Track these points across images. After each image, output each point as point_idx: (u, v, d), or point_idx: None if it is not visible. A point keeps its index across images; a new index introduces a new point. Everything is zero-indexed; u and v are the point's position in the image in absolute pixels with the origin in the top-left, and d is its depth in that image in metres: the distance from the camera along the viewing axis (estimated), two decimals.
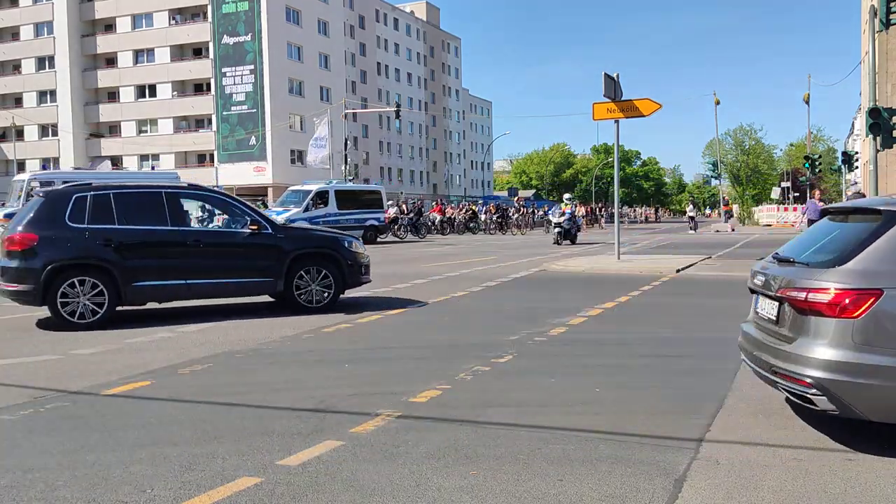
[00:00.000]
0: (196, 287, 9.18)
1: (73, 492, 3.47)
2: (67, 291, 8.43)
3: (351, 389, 5.37)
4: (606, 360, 6.45)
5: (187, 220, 9.64)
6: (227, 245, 9.49)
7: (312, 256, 9.64)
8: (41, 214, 8.68)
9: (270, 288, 9.55)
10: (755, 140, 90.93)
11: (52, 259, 8.40)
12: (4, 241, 8.66)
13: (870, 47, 17.08)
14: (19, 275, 8.45)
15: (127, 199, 9.06)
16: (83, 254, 8.56)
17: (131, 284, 8.71)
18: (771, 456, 3.87)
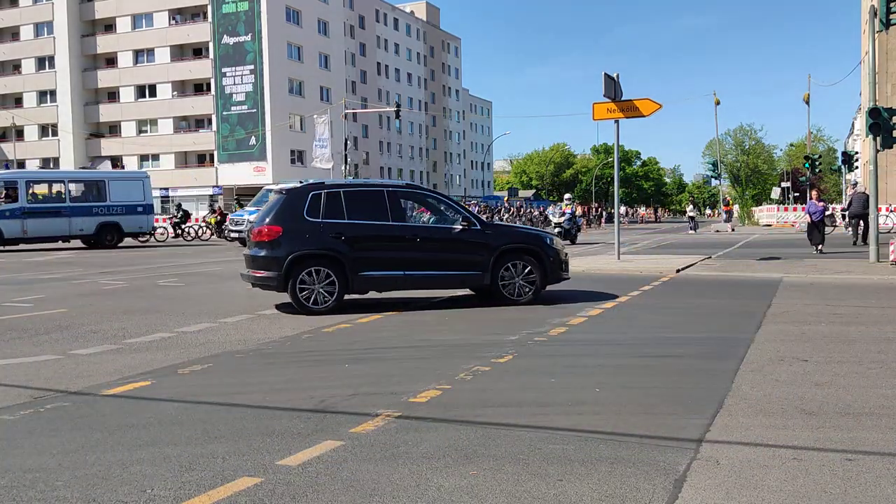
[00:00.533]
0: (412, 278, 9.90)
1: (73, 492, 3.47)
2: (304, 279, 9.33)
3: (351, 389, 5.37)
4: (606, 360, 6.45)
5: (405, 217, 10.42)
6: (440, 240, 10.11)
7: (517, 252, 10.14)
8: (284, 210, 9.67)
9: (478, 281, 10.12)
10: (755, 140, 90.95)
11: (293, 250, 9.38)
12: (253, 232, 9.76)
13: (870, 47, 17.07)
14: (266, 263, 9.49)
15: (354, 197, 9.92)
16: (318, 245, 9.48)
17: (358, 274, 9.56)
18: (771, 456, 3.87)
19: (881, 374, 5.70)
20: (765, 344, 6.98)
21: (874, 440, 4.12)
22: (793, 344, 6.97)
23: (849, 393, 5.14)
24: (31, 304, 10.67)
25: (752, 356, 6.42)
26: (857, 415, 4.62)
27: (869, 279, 12.81)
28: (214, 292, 12.01)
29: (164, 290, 12.37)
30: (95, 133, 68.66)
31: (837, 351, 6.62)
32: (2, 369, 6.27)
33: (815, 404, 4.85)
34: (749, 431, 4.30)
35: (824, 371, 5.82)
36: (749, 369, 5.91)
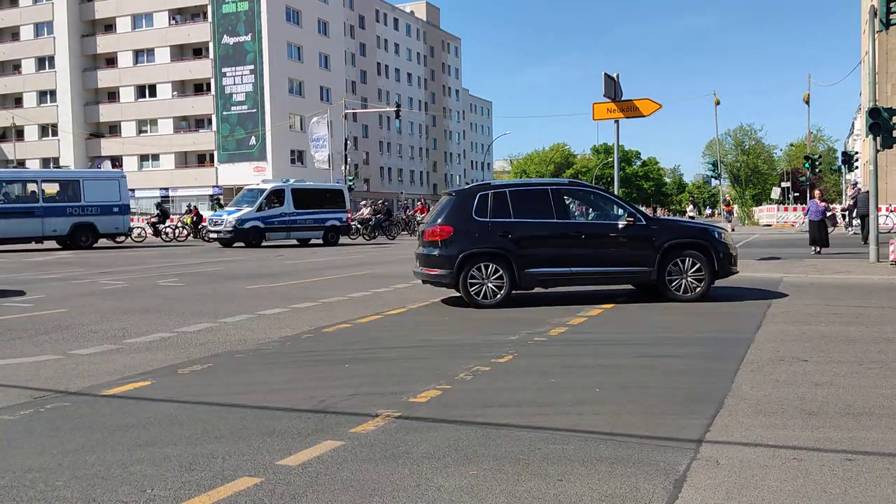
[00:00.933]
0: (578, 275, 10.08)
1: (73, 492, 3.47)
2: (474, 275, 9.81)
3: (351, 389, 5.37)
4: (606, 360, 6.45)
5: (570, 214, 10.63)
6: (605, 236, 10.19)
7: (684, 247, 10.12)
8: (454, 210, 10.13)
9: (644, 277, 10.14)
10: (755, 140, 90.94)
11: (464, 248, 9.84)
12: (425, 232, 10.28)
13: (870, 47, 17.06)
14: (438, 261, 10.00)
15: (520, 196, 10.23)
16: (487, 244, 9.86)
17: (524, 271, 9.85)
18: (771, 456, 3.87)
19: (881, 374, 5.70)
20: (765, 344, 6.98)
21: (874, 440, 4.12)
22: (793, 344, 6.97)
23: (849, 393, 5.13)
24: (31, 304, 10.67)
25: (752, 356, 6.42)
26: (857, 415, 4.62)
27: (869, 279, 12.81)
28: (214, 292, 12.01)
29: (164, 290, 12.37)
30: (95, 133, 68.66)
31: (837, 351, 6.62)
32: (2, 369, 6.27)
33: (815, 404, 4.85)
34: (749, 431, 4.30)
35: (824, 371, 5.82)
36: (749, 369, 5.91)
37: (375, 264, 18.09)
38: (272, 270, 16.50)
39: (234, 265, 18.38)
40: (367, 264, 18.11)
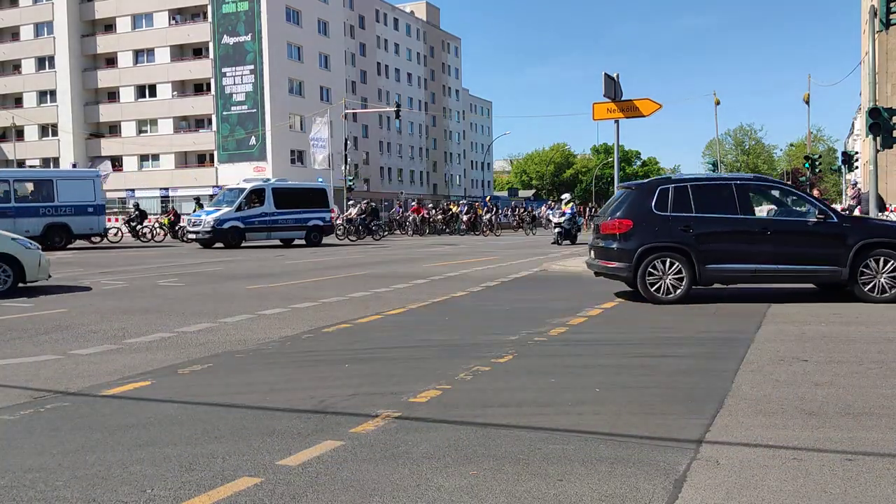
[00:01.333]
0: (761, 272, 9.87)
1: (73, 492, 3.47)
2: (653, 270, 9.78)
3: (351, 389, 5.37)
4: (606, 360, 6.45)
5: (754, 210, 10.33)
6: (793, 233, 9.95)
7: (879, 246, 9.77)
8: (634, 204, 10.11)
9: (834, 277, 9.85)
10: (755, 140, 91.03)
11: (643, 242, 9.84)
12: (603, 225, 10.26)
13: (870, 47, 17.06)
14: (617, 254, 10.02)
15: (702, 190, 10.06)
16: (667, 238, 9.83)
17: (705, 266, 9.78)
18: (771, 456, 3.87)
19: (881, 374, 5.70)
20: (765, 344, 6.98)
21: (874, 440, 4.12)
22: (793, 344, 6.97)
23: (849, 393, 5.14)
24: (31, 304, 10.67)
25: (752, 356, 6.42)
26: (857, 415, 4.62)
27: None
28: (214, 292, 12.01)
29: (164, 290, 12.36)
30: (95, 133, 68.65)
31: (837, 351, 6.62)
32: (2, 369, 6.27)
33: (815, 404, 4.85)
34: (749, 431, 4.30)
35: (824, 371, 5.82)
36: (749, 369, 5.91)
37: (375, 264, 18.09)
38: (272, 270, 16.50)
39: (235, 265, 18.38)
40: (366, 264, 18.11)
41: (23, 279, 11.88)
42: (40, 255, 12.20)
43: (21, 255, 11.84)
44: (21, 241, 12.09)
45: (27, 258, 11.89)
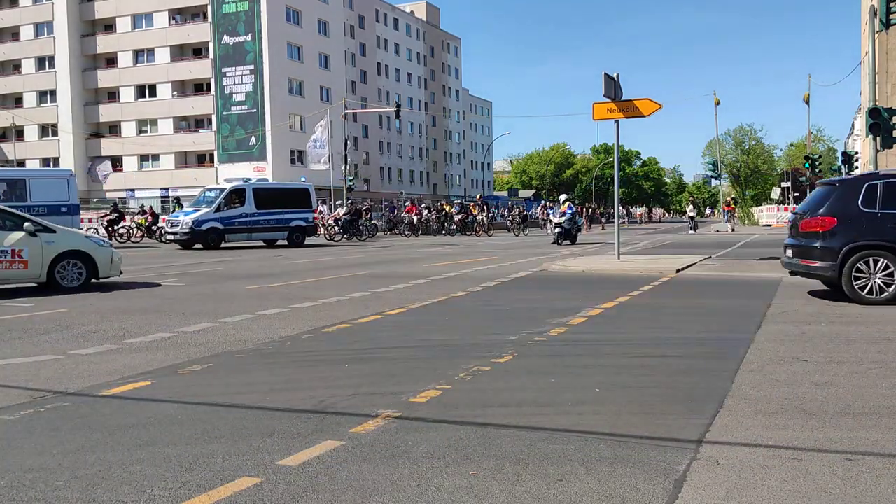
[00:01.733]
0: None
1: (73, 492, 3.47)
2: (859, 270, 9.50)
3: (351, 389, 5.37)
4: (606, 360, 6.44)
5: None
6: None
7: None
8: (838, 201, 9.76)
9: None
10: (755, 140, 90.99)
11: (849, 240, 9.52)
12: (804, 223, 9.94)
13: (870, 47, 17.06)
14: (819, 253, 9.74)
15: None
16: (876, 236, 9.48)
17: None
18: (771, 456, 3.87)
19: (881, 374, 5.70)
20: (765, 344, 6.98)
21: (874, 440, 4.12)
22: (793, 344, 6.97)
23: (849, 393, 5.14)
24: (31, 304, 10.67)
25: (752, 356, 6.42)
26: (857, 415, 4.62)
27: None
28: (214, 292, 12.01)
29: (164, 290, 12.36)
30: (95, 133, 68.66)
31: (837, 351, 6.62)
32: (2, 369, 6.27)
33: (815, 404, 4.85)
34: (749, 431, 4.30)
35: (824, 371, 5.82)
36: (749, 369, 5.91)
37: (375, 264, 18.09)
38: (272, 270, 16.50)
39: (234, 265, 18.39)
40: (366, 264, 18.11)
41: (95, 275, 12.48)
42: (112, 252, 12.81)
43: (94, 252, 12.45)
44: (94, 239, 12.85)
45: (100, 255, 12.50)
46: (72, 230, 12.99)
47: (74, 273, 12.28)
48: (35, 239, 11.90)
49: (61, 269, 12.17)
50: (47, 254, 11.97)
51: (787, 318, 8.59)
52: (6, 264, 11.66)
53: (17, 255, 11.74)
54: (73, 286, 12.19)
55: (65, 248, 12.16)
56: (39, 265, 11.92)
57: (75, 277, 12.28)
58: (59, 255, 12.10)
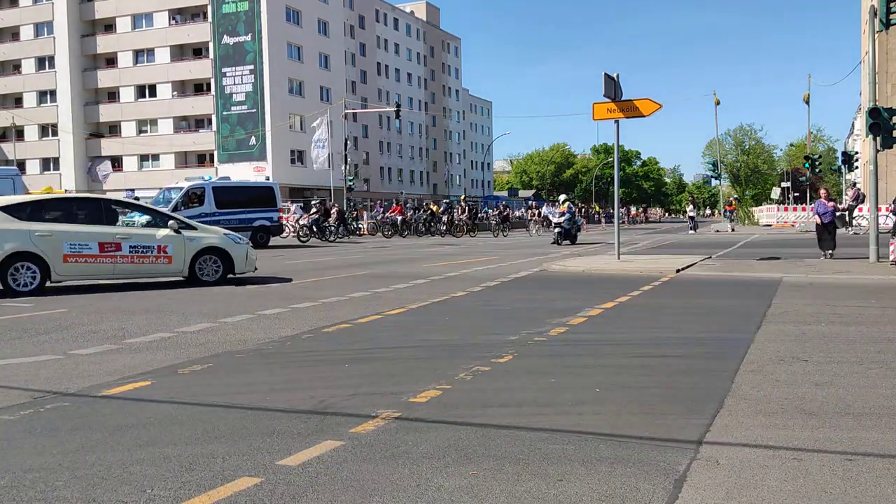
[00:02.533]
0: None
1: (73, 492, 3.47)
2: None
3: (351, 389, 5.37)
4: (606, 360, 6.45)
5: None
6: None
7: None
8: None
9: None
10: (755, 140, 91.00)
11: None
12: None
13: (870, 47, 17.05)
14: None
15: None
16: None
17: None
18: (771, 456, 3.87)
19: (881, 374, 5.70)
20: (765, 344, 6.97)
21: (874, 440, 4.12)
22: (793, 344, 6.97)
23: (849, 393, 5.13)
24: (31, 304, 10.67)
25: (752, 356, 6.42)
26: (857, 415, 4.62)
27: (869, 279, 12.81)
28: (214, 292, 12.01)
29: (163, 290, 12.36)
30: (95, 133, 68.65)
31: (837, 351, 6.62)
32: (2, 369, 6.27)
33: (815, 404, 4.85)
34: (749, 431, 4.30)
35: (824, 371, 5.82)
36: (749, 369, 5.91)
37: (375, 264, 18.09)
38: (272, 270, 16.49)
39: None
40: (366, 264, 18.11)
41: (231, 270, 13.26)
42: (247, 249, 13.61)
43: (231, 248, 13.27)
44: (231, 237, 13.57)
45: (236, 252, 13.30)
46: (211, 228, 13.80)
47: (212, 268, 13.11)
48: (178, 236, 12.80)
49: (201, 264, 13.02)
50: (189, 250, 12.87)
51: (787, 318, 8.59)
52: (153, 259, 12.64)
53: (162, 251, 12.69)
54: (210, 281, 13.02)
55: (204, 245, 13.03)
56: (182, 261, 12.83)
57: (213, 273, 13.10)
58: (199, 252, 12.97)
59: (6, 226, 11.67)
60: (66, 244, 11.94)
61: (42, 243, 11.79)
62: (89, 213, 12.44)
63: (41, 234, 11.80)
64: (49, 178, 68.18)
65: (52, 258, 11.84)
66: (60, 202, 12.94)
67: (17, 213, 11.88)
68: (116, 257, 12.33)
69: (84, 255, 12.09)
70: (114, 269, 12.43)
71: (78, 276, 12.32)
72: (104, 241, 12.20)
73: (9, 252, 11.56)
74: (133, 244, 12.43)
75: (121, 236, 12.38)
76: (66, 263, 11.98)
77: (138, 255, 12.49)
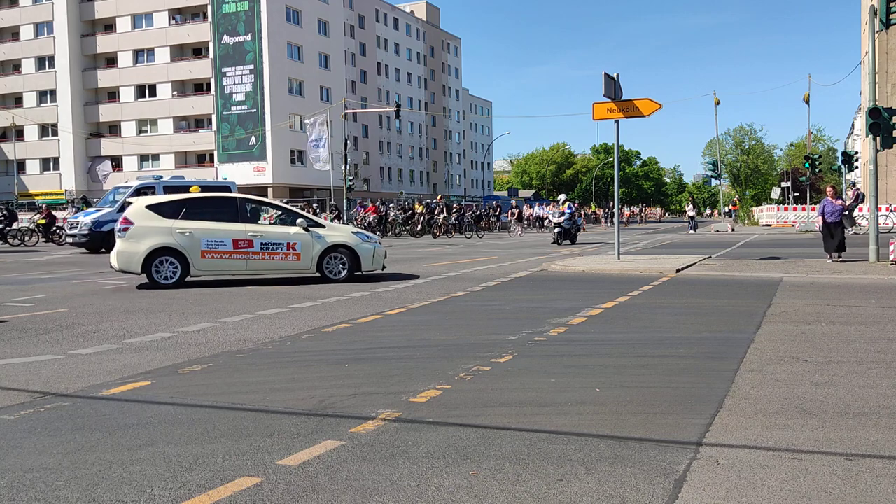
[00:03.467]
0: None
1: (73, 492, 3.47)
2: None
3: (351, 389, 5.37)
4: (606, 360, 6.45)
5: None
6: None
7: None
8: None
9: None
10: (755, 140, 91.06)
11: None
12: None
13: (870, 47, 17.05)
14: None
15: None
16: None
17: None
18: (771, 456, 3.87)
19: (881, 374, 5.70)
20: (765, 344, 6.98)
21: (874, 440, 4.12)
22: (793, 344, 6.97)
23: (849, 393, 5.14)
24: (31, 304, 10.67)
25: (752, 356, 6.42)
26: (857, 415, 4.62)
27: (869, 279, 12.81)
28: (214, 292, 12.01)
29: (163, 290, 12.35)
30: (95, 133, 68.67)
31: (837, 351, 6.62)
32: (2, 369, 6.27)
33: (815, 404, 4.85)
34: (749, 431, 4.30)
35: (824, 371, 5.82)
36: (749, 369, 5.91)
37: None
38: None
39: None
40: None
41: (358, 268, 13.34)
42: (375, 247, 13.57)
43: (358, 246, 13.33)
44: (360, 235, 13.65)
45: (363, 249, 13.35)
46: (340, 226, 13.88)
47: (339, 266, 13.25)
48: (307, 234, 13.08)
49: (329, 261, 13.21)
50: (317, 248, 13.12)
51: (787, 318, 8.59)
52: (282, 256, 12.99)
53: (291, 249, 13.02)
54: (338, 278, 13.16)
55: (332, 243, 13.20)
56: (310, 258, 13.09)
57: (340, 270, 13.23)
58: (326, 249, 13.16)
59: (151, 223, 12.67)
60: (204, 241, 12.67)
61: (182, 239, 12.61)
62: (226, 211, 13.03)
63: (181, 230, 12.62)
64: (49, 178, 68.20)
65: (191, 254, 12.63)
66: (201, 201, 13.40)
67: (161, 211, 12.82)
68: (249, 254, 12.83)
69: (219, 252, 12.75)
70: (246, 266, 12.92)
71: (214, 271, 12.93)
72: (237, 238, 12.78)
73: (153, 247, 12.52)
74: (264, 241, 12.87)
75: (252, 234, 12.87)
76: (203, 259, 12.70)
77: (269, 252, 12.89)
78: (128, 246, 12.63)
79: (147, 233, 12.57)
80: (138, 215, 12.76)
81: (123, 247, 12.68)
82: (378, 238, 14.23)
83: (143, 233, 12.59)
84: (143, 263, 12.54)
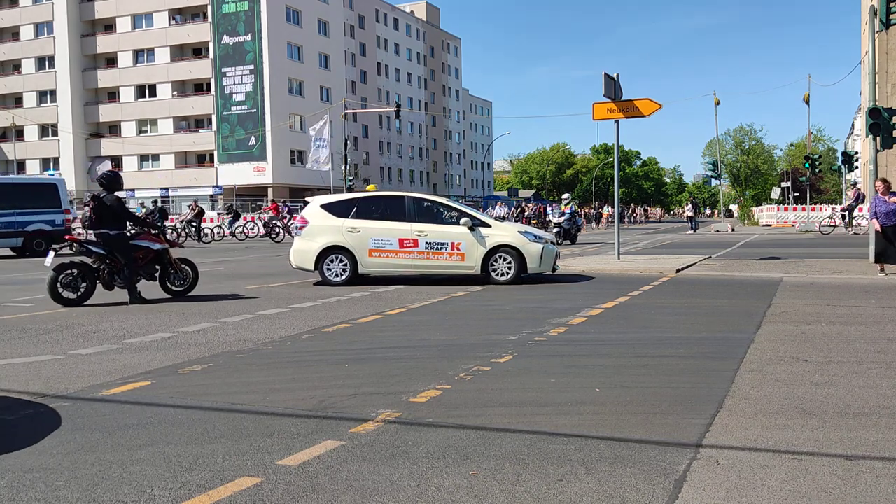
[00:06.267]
0: None
1: (73, 492, 3.47)
2: None
3: (351, 389, 5.37)
4: (606, 360, 6.44)
5: None
6: None
7: None
8: None
9: None
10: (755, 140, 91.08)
11: None
12: None
13: (870, 47, 17.05)
14: None
15: None
16: None
17: None
18: (771, 456, 3.87)
19: (881, 374, 5.70)
20: (765, 344, 6.98)
21: (874, 440, 4.12)
22: (793, 344, 6.97)
23: (849, 393, 5.13)
24: (31, 304, 10.67)
25: (752, 356, 6.42)
26: (857, 415, 4.62)
27: (869, 279, 12.81)
28: (214, 292, 12.01)
29: (160, 290, 12.34)
30: (95, 133, 68.69)
31: (837, 351, 6.62)
32: (2, 369, 6.27)
33: (815, 404, 4.85)
34: (749, 431, 4.30)
35: (824, 371, 5.82)
36: (749, 369, 5.91)
37: None
38: (272, 270, 16.49)
39: (235, 265, 18.38)
40: None
41: (524, 269, 12.88)
42: (542, 248, 12.99)
43: (524, 246, 12.88)
44: (527, 234, 13.20)
45: (530, 250, 12.88)
46: (505, 226, 13.55)
47: (505, 267, 12.87)
48: (472, 233, 12.85)
49: (494, 262, 12.87)
50: (482, 247, 12.85)
51: (787, 318, 8.59)
52: (447, 255, 12.89)
53: (455, 248, 12.87)
54: (503, 280, 12.78)
55: (497, 243, 12.88)
56: (474, 258, 12.86)
57: (505, 272, 12.84)
58: (491, 249, 12.86)
59: (324, 222, 13.02)
60: (371, 240, 12.84)
61: (351, 238, 12.84)
62: (395, 210, 13.12)
63: (350, 229, 12.86)
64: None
65: (359, 252, 12.83)
66: (371, 200, 13.64)
67: (334, 210, 13.16)
68: (413, 253, 12.88)
69: (386, 251, 12.87)
70: (411, 265, 12.97)
71: (380, 269, 13.02)
72: (403, 237, 12.85)
73: (324, 246, 12.84)
74: (429, 241, 12.86)
75: (417, 233, 12.87)
76: (370, 258, 12.87)
77: (433, 251, 12.87)
78: (303, 244, 13.02)
79: (320, 231, 12.91)
80: (313, 214, 13.11)
81: (299, 245, 13.08)
82: (551, 237, 13.72)
83: (316, 231, 12.93)
84: (315, 261, 12.84)
